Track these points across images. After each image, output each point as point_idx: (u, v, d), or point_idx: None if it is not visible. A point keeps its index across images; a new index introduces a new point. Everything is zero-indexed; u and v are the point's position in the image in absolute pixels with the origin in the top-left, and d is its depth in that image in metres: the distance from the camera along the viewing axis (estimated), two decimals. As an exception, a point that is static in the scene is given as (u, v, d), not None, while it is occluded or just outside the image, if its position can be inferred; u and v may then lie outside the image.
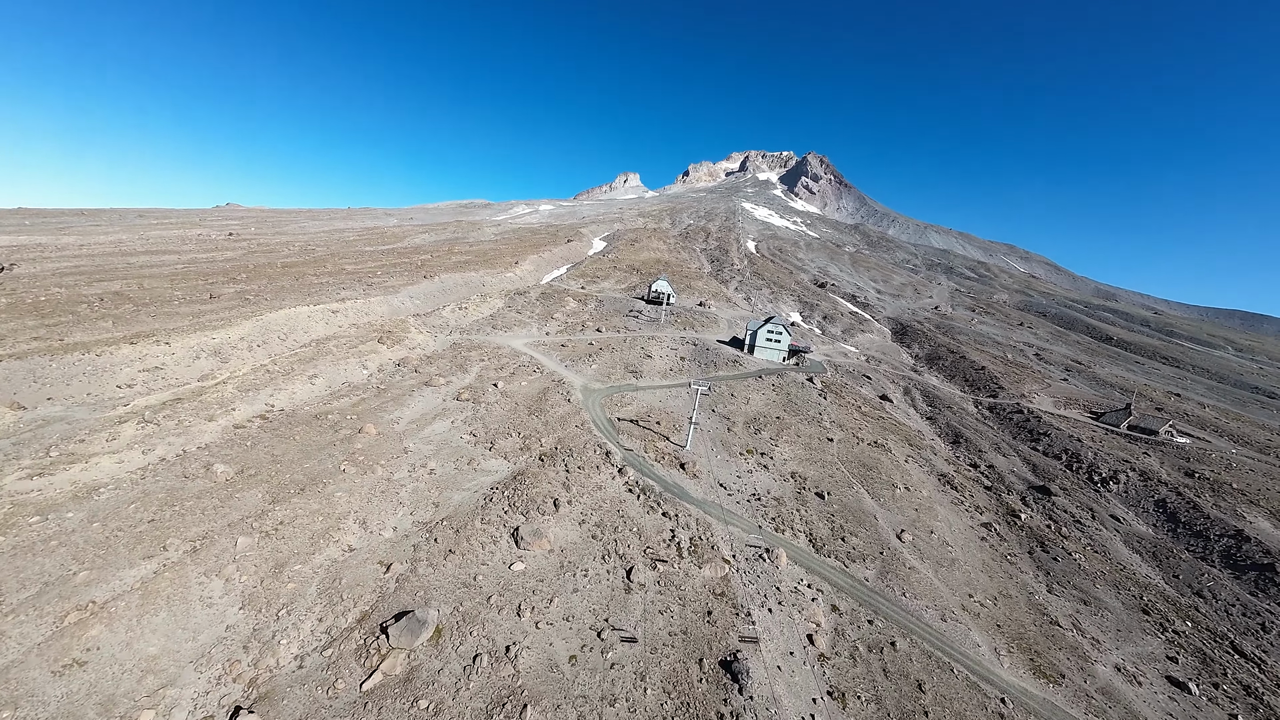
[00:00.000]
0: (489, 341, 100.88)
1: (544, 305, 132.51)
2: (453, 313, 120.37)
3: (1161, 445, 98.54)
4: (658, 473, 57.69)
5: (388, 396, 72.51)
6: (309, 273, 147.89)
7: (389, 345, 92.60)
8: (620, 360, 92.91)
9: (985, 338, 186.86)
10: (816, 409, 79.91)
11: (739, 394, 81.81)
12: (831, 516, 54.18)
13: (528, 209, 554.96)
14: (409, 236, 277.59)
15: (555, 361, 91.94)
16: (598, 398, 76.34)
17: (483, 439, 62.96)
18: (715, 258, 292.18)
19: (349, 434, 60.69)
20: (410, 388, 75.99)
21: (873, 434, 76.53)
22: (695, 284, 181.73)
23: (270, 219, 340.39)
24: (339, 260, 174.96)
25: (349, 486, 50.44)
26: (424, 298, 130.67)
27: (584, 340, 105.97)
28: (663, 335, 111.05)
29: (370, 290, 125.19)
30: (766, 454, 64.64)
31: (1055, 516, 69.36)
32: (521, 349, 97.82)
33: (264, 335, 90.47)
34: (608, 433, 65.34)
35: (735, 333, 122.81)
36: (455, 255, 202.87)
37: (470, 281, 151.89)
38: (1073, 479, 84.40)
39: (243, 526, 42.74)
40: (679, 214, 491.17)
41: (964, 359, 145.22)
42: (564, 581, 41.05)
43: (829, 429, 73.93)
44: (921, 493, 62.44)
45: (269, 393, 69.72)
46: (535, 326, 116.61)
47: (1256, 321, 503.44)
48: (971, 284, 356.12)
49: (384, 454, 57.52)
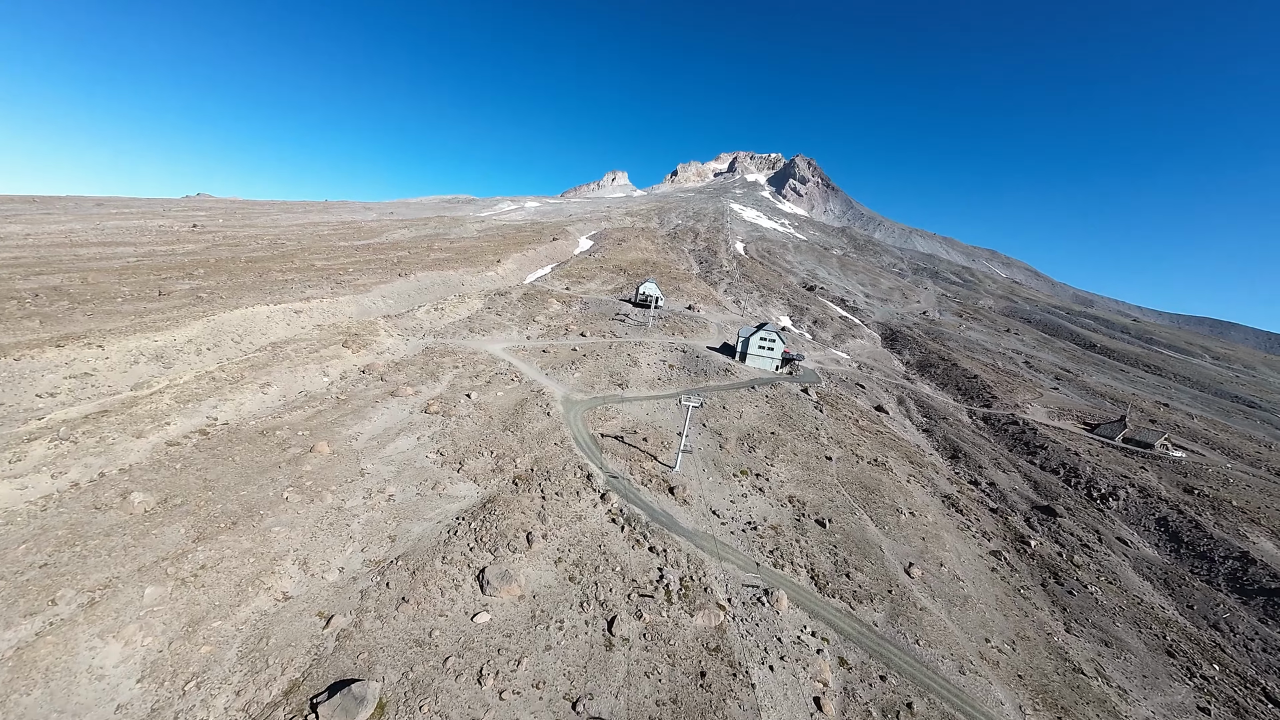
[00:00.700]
0: (465, 346, 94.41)
1: (526, 307, 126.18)
2: (428, 314, 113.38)
3: (1158, 459, 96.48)
4: (644, 498, 52.36)
5: (348, 409, 65.87)
6: (274, 269, 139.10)
7: (355, 350, 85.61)
8: (605, 368, 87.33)
9: (974, 344, 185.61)
10: (813, 423, 75.40)
11: (731, 407, 76.91)
12: (834, 548, 49.46)
13: (513, 206, 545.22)
14: (387, 232, 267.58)
15: (535, 369, 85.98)
16: (580, 410, 70.71)
17: (451, 458, 56.88)
18: (704, 259, 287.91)
19: (298, 453, 54.10)
20: (374, 398, 69.39)
21: (872, 451, 72.26)
22: (684, 286, 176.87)
23: (241, 211, 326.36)
24: (309, 256, 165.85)
25: (291, 518, 44.05)
26: (398, 297, 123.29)
27: (567, 345, 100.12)
28: (650, 341, 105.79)
29: (339, 289, 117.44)
30: (762, 475, 59.77)
31: (1062, 540, 65.87)
32: (500, 355, 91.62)
33: (215, 338, 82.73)
34: (590, 451, 59.78)
35: (726, 339, 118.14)
36: (434, 252, 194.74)
37: (448, 280, 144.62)
38: (1074, 496, 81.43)
39: (155, 572, 36.24)
40: (667, 214, 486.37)
41: (956, 367, 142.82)
42: (535, 637, 35.45)
43: (827, 446, 69.43)
44: (927, 518, 58.19)
45: (212, 404, 62.60)
46: (516, 330, 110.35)
47: (1224, 328, 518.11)
48: (957, 289, 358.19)
49: (337, 477, 51.14)
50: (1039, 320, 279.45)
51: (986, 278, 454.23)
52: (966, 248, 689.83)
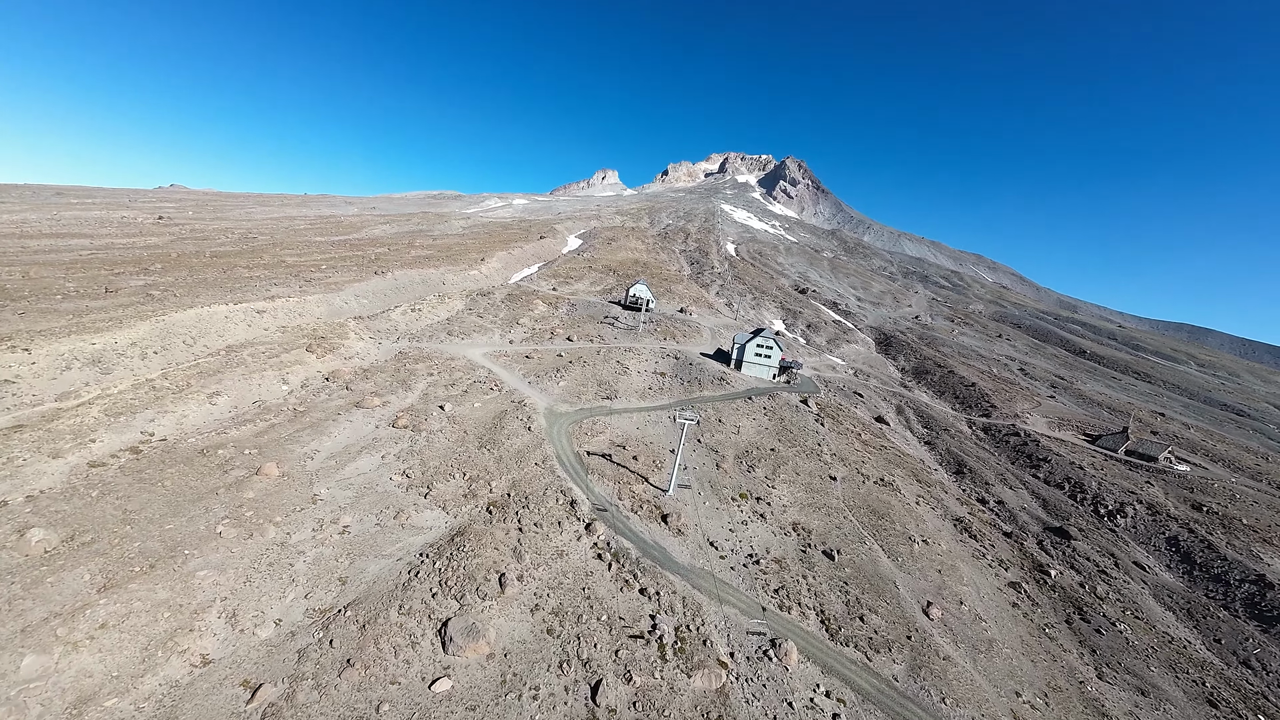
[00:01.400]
0: (442, 351, 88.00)
1: (509, 308, 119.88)
2: (404, 315, 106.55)
3: (1163, 473, 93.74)
4: (634, 528, 46.92)
5: (305, 422, 59.35)
6: (240, 264, 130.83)
7: (319, 354, 78.81)
8: (592, 376, 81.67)
9: (969, 350, 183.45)
10: (814, 438, 70.65)
11: (728, 420, 71.82)
12: (845, 585, 44.51)
13: (500, 203, 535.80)
14: (367, 227, 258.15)
15: (517, 377, 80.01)
16: (564, 424, 65.00)
17: (419, 481, 50.84)
18: (695, 260, 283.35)
19: (242, 476, 47.63)
20: (336, 410, 62.90)
21: (878, 469, 67.70)
22: (675, 288, 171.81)
23: (213, 203, 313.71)
24: (280, 251, 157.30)
25: (223, 558, 37.76)
26: (372, 297, 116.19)
27: (552, 351, 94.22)
28: (641, 346, 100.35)
29: (308, 287, 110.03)
30: (763, 498, 54.72)
31: (1079, 566, 61.95)
32: (479, 360, 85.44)
33: (164, 340, 75.29)
34: (574, 472, 54.16)
35: (720, 344, 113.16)
36: (415, 249, 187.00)
37: (428, 279, 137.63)
38: (1083, 515, 77.93)
39: (42, 634, 29.85)
40: (658, 213, 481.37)
41: (953, 374, 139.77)
42: (505, 709, 29.81)
43: (830, 464, 64.67)
44: (940, 546, 53.64)
45: (149, 417, 55.71)
46: (498, 333, 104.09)
47: (1201, 334, 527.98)
48: (947, 293, 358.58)
49: (284, 505, 44.84)
50: (1029, 325, 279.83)
51: (975, 282, 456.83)
52: (954, 252, 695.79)
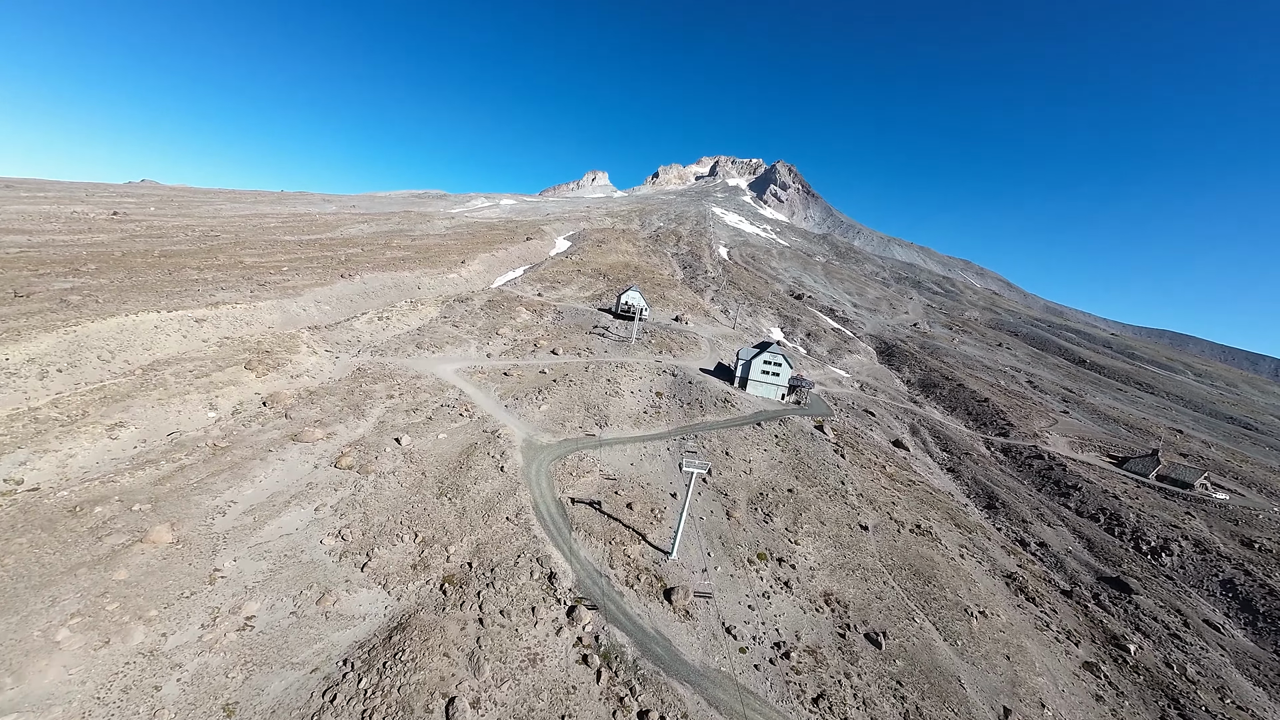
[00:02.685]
0: (407, 367, 77.01)
1: (489, 316, 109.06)
2: (368, 324, 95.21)
3: (1201, 502, 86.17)
4: (630, 609, 36.83)
5: (225, 461, 48.23)
6: (191, 265, 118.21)
7: (260, 372, 67.41)
8: (580, 398, 71.35)
9: (972, 361, 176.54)
10: (835, 474, 61.15)
11: (736, 452, 62.02)
12: (898, 684, 34.90)
13: (487, 203, 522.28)
14: (343, 226, 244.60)
15: (493, 399, 69.41)
16: (546, 461, 54.65)
17: (356, 545, 40.15)
18: (688, 263, 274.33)
19: (120, 545, 36.56)
20: (267, 445, 51.82)
21: (910, 511, 58.41)
22: (669, 293, 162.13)
23: (181, 198, 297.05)
24: (240, 250, 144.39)
25: (51, 686, 26.81)
26: (335, 303, 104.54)
27: (535, 367, 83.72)
28: (634, 361, 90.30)
29: (262, 291, 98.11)
30: (786, 559, 44.97)
31: (1146, 627, 53.29)
32: (450, 379, 74.66)
33: (73, 355, 63.39)
34: (555, 529, 43.89)
35: (721, 357, 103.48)
36: (391, 250, 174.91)
37: (401, 283, 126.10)
38: (1132, 557, 69.65)
39: None
40: (649, 215, 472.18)
41: (963, 388, 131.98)
42: None
43: (858, 508, 55.15)
44: (999, 617, 44.35)
45: (21, 459, 44.25)
46: (474, 345, 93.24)
47: (1183, 341, 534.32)
48: (941, 299, 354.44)
49: (167, 589, 33.93)
50: (1026, 334, 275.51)
51: (967, 288, 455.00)
52: (943, 257, 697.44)
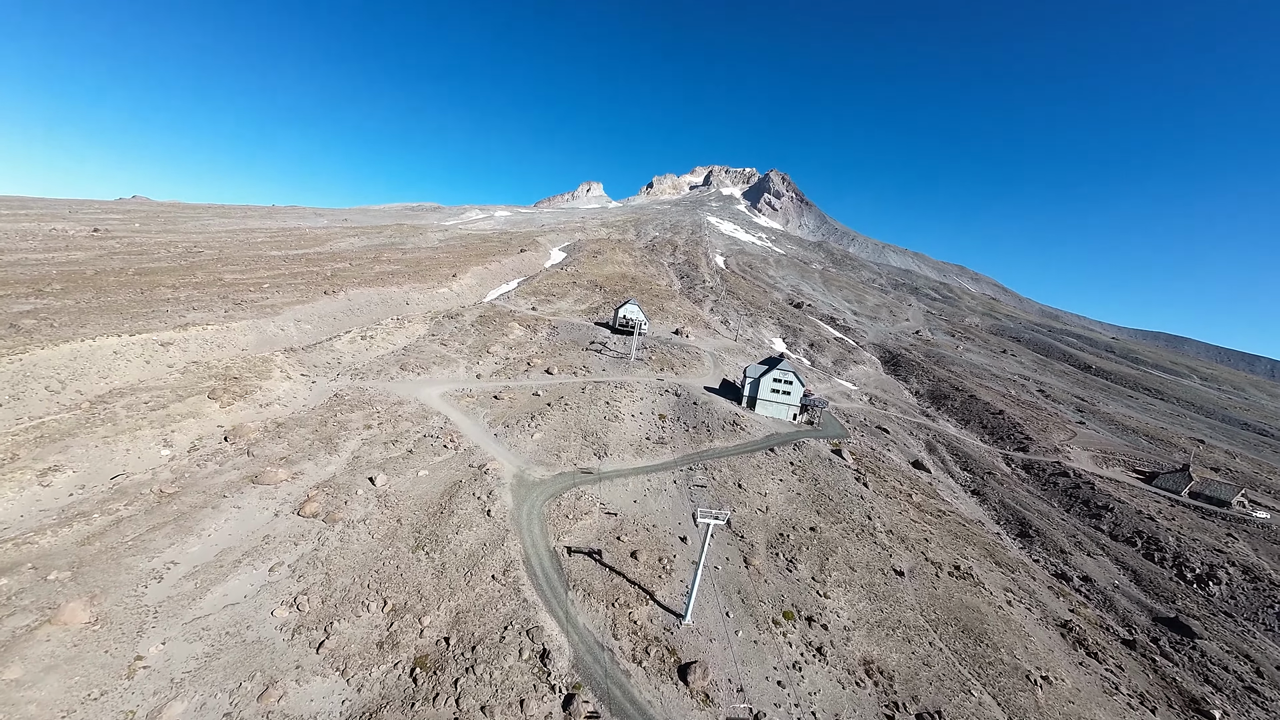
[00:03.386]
0: (390, 392, 71.08)
1: (480, 333, 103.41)
2: (351, 344, 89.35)
3: (1241, 522, 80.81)
4: (639, 695, 30.88)
5: (170, 512, 42.09)
6: (167, 283, 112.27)
7: (226, 402, 61.40)
8: (576, 424, 65.56)
9: (980, 369, 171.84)
10: (860, 506, 55.43)
11: (750, 483, 56.28)
12: (963, 783, 28.82)
13: (482, 215, 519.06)
14: (333, 240, 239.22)
15: (481, 427, 63.51)
16: (539, 500, 48.75)
17: (313, 618, 34.07)
18: (685, 273, 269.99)
19: (20, 630, 30.33)
20: (222, 489, 45.74)
21: (945, 549, 52.68)
22: (668, 305, 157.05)
23: (168, 214, 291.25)
24: (222, 267, 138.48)
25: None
26: (317, 321, 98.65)
27: (528, 388, 77.95)
28: (634, 380, 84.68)
29: (237, 310, 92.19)
30: (816, 617, 39.08)
31: (1216, 679, 47.52)
32: (435, 404, 68.77)
33: (18, 385, 57.33)
34: (549, 588, 37.94)
35: (725, 373, 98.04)
36: (381, 264, 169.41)
37: (389, 299, 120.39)
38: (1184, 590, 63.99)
39: None
40: (644, 225, 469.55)
41: (975, 399, 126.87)
42: None
43: (888, 546, 49.37)
44: (1064, 682, 38.51)
45: (-75, 515, 38.07)
46: (463, 365, 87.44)
47: (1178, 343, 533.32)
48: (940, 305, 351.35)
49: (70, 690, 27.68)
50: (1028, 339, 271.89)
51: (965, 294, 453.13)
52: (937, 263, 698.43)
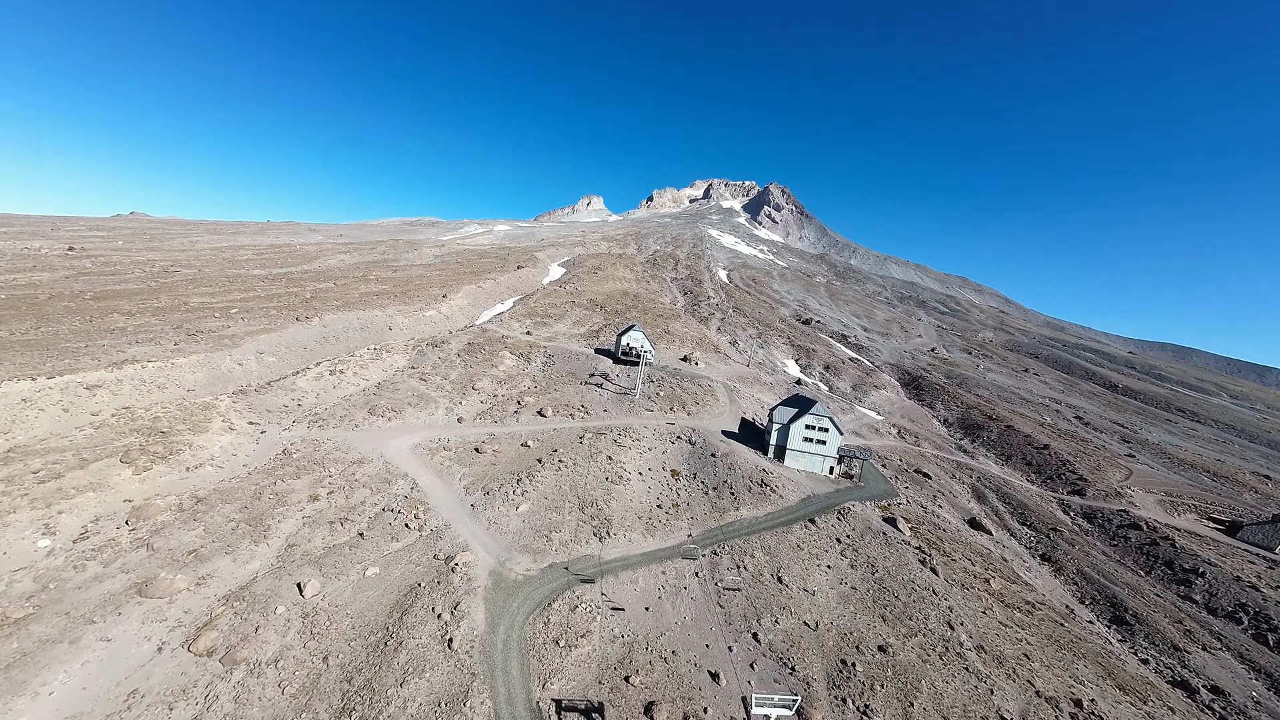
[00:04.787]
0: (349, 446, 59.53)
1: (466, 364, 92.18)
2: (316, 381, 78.00)
3: (1357, 589, 68.51)
4: None
5: (6, 653, 30.41)
6: (122, 308, 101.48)
7: (142, 466, 49.90)
8: (572, 488, 53.94)
9: (1008, 393, 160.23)
10: (935, 606, 43.55)
11: (792, 575, 44.52)
12: None
13: (480, 229, 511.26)
14: (323, 257, 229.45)
15: (455, 494, 51.90)
16: (520, 617, 37.02)
17: None
18: (688, 289, 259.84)
19: None
20: (92, 610, 34.05)
21: (1053, 671, 40.70)
22: (673, 327, 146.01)
23: (157, 231, 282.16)
24: (193, 289, 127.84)
25: None
26: (283, 352, 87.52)
27: (516, 436, 66.45)
28: (640, 424, 73.25)
29: (188, 343, 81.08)
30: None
31: None
32: (403, 462, 57.21)
33: (-122, 451, 45.99)
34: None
35: (743, 409, 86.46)
36: (368, 283, 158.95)
37: (370, 324, 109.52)
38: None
39: None
40: (645, 239, 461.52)
41: (1012, 430, 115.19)
42: None
43: (984, 675, 37.46)
44: None
45: None
46: (444, 405, 76.02)
47: (1185, 354, 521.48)
48: (951, 320, 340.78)
49: None
50: (1046, 355, 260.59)
51: (973, 306, 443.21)
52: (940, 275, 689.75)
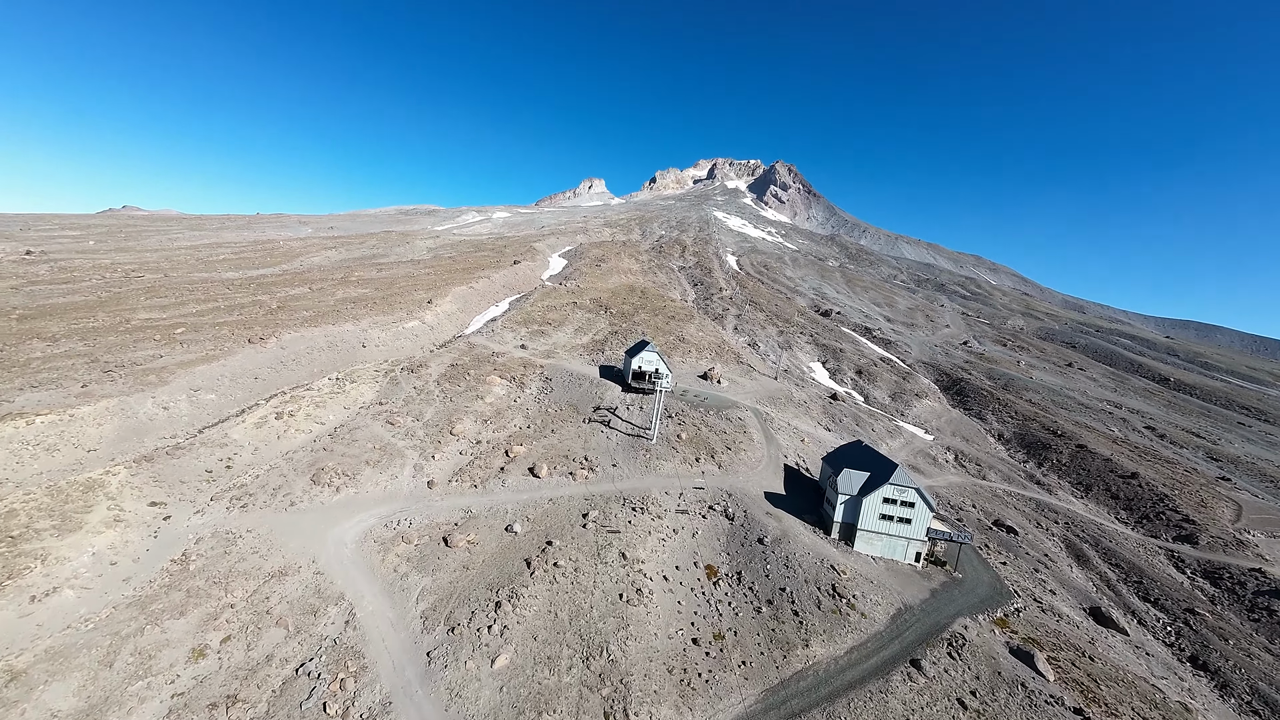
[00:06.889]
0: (276, 540, 44.51)
1: (446, 397, 76.83)
2: (255, 430, 62.77)
3: None
4: None
5: None
6: (47, 332, 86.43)
7: (-35, 600, 35.14)
8: (570, 617, 38.74)
9: (1061, 396, 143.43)
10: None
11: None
12: None
13: (478, 217, 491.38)
14: (308, 254, 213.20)
15: (407, 632, 36.87)
16: None
17: None
18: (697, 280, 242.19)
19: None
20: None
21: None
22: (687, 331, 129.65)
23: (134, 229, 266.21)
24: (145, 300, 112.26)
25: None
26: (226, 387, 72.34)
27: (500, 512, 51.21)
28: (660, 486, 57.90)
29: (103, 381, 65.99)
30: None
31: None
32: (343, 568, 42.21)
33: None
34: None
35: (781, 450, 70.56)
36: (347, 286, 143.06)
37: (338, 342, 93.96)
38: None
39: None
40: (649, 223, 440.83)
41: (1086, 451, 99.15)
42: None
43: None
44: None
45: None
46: (412, 461, 60.78)
47: (1209, 331, 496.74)
48: (975, 305, 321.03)
49: None
50: (1083, 345, 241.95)
51: (995, 289, 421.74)
52: (953, 254, 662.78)
